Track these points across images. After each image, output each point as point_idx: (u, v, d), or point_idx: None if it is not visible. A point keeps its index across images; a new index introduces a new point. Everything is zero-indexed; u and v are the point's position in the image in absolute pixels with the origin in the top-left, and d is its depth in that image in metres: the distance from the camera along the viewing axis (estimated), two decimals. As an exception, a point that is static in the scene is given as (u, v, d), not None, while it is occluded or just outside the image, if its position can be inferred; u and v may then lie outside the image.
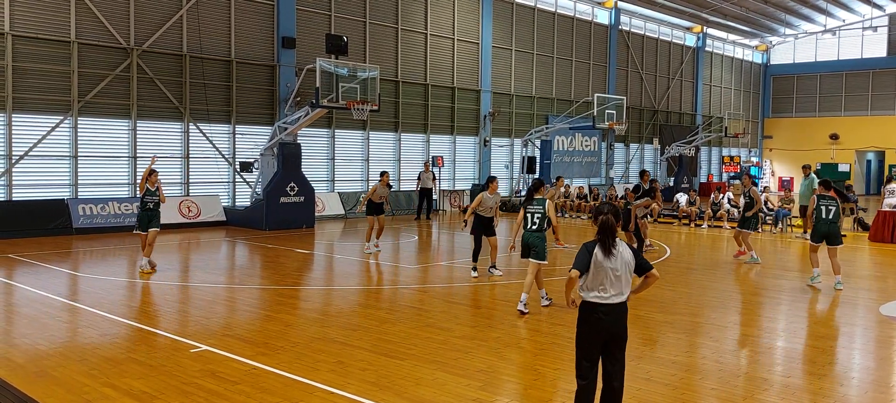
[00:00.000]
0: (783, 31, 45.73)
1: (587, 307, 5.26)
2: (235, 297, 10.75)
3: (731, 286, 12.30)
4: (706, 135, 38.93)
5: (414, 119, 26.87)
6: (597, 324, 5.21)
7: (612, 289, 5.20)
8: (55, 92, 18.32)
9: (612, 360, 5.28)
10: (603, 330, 5.21)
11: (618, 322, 5.24)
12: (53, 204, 17.99)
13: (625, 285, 5.26)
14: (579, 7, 33.80)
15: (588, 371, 5.26)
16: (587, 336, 5.26)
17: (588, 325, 5.25)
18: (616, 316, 5.22)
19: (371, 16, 24.94)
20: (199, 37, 20.67)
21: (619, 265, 5.21)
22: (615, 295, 5.21)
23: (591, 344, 5.25)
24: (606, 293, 5.20)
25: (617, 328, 5.24)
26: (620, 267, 5.22)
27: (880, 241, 18.80)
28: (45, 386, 6.53)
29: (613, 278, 5.20)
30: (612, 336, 5.24)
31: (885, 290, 12.03)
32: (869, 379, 7.17)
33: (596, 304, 5.21)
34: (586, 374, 5.26)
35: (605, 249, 5.21)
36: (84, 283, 11.81)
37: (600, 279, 5.20)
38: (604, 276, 5.19)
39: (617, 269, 5.20)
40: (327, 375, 6.91)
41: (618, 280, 5.22)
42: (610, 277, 5.19)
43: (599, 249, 5.22)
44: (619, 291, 5.22)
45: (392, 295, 11.29)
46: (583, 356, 5.27)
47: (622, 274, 5.22)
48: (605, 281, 5.20)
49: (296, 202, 20.36)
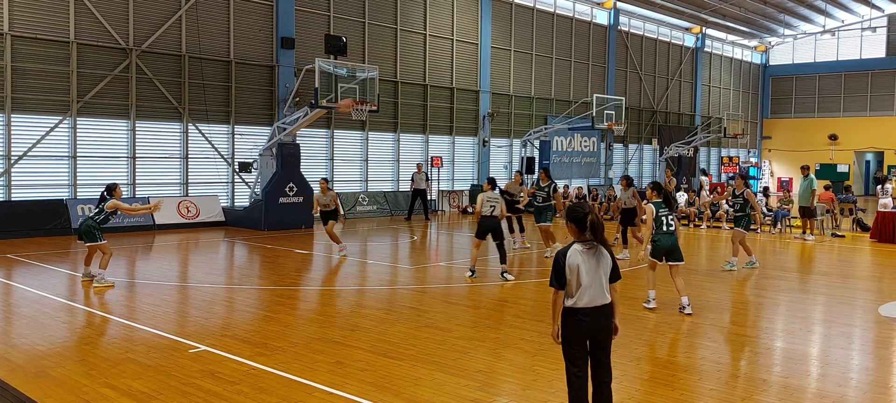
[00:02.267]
0: (782, 31, 45.75)
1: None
2: (234, 297, 10.75)
3: (730, 286, 12.30)
4: (705, 135, 38.95)
5: (413, 119, 26.87)
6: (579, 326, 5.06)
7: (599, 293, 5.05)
8: (54, 92, 18.32)
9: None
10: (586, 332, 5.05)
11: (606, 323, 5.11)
12: (52, 205, 17.98)
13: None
14: (578, 7, 33.81)
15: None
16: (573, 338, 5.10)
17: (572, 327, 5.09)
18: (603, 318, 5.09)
19: (370, 16, 24.95)
20: (198, 37, 20.67)
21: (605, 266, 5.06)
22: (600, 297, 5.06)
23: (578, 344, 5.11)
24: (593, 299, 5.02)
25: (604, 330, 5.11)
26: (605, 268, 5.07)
27: (881, 241, 18.82)
28: (43, 386, 6.53)
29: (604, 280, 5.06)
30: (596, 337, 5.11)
31: (883, 291, 12.03)
32: (868, 380, 7.18)
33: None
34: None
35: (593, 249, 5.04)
36: (83, 284, 11.80)
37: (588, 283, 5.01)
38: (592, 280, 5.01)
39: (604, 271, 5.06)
40: (326, 375, 6.91)
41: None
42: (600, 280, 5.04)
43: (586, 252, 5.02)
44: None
45: (391, 295, 11.28)
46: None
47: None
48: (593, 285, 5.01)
49: (295, 202, 20.36)
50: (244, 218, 20.42)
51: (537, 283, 12.19)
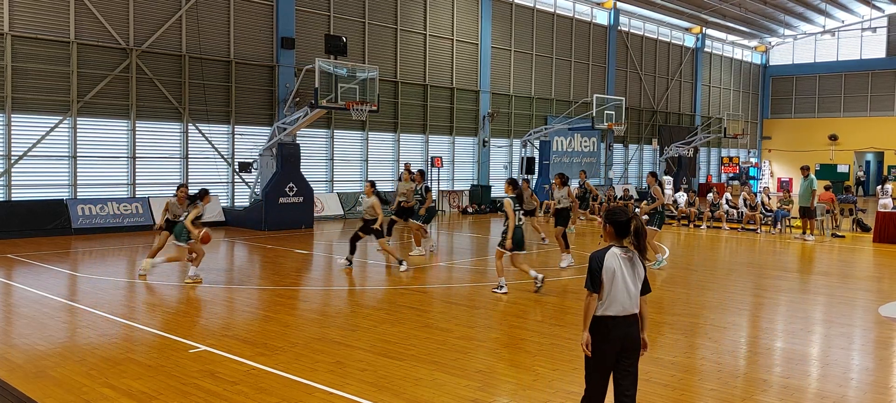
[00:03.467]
0: (782, 31, 45.75)
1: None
2: (234, 298, 10.74)
3: (730, 286, 12.30)
4: (705, 135, 38.94)
5: (413, 119, 26.87)
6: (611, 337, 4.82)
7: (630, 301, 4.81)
8: (54, 92, 18.32)
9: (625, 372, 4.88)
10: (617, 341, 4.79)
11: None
12: (52, 205, 17.98)
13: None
14: (578, 7, 33.81)
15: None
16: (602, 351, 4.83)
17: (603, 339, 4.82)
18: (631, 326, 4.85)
19: (370, 16, 24.95)
20: (199, 37, 20.67)
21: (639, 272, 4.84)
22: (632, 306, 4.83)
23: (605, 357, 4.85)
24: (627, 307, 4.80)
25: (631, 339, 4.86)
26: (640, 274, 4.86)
27: (882, 242, 18.81)
28: (43, 386, 6.53)
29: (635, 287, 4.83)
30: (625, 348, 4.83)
31: (883, 291, 12.03)
32: (868, 380, 7.18)
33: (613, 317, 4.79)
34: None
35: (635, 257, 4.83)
36: (83, 283, 11.81)
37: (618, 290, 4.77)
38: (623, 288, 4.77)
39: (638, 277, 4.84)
40: (326, 375, 6.91)
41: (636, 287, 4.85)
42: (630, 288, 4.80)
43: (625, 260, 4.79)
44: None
45: (391, 295, 11.28)
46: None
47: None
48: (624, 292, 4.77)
49: (295, 202, 20.36)
50: (244, 218, 20.42)
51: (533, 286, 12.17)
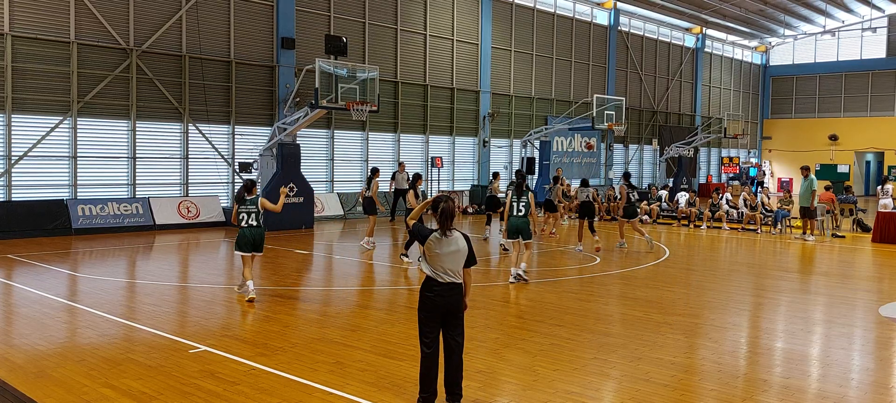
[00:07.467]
0: (782, 32, 45.75)
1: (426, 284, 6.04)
2: (234, 298, 10.74)
3: (731, 287, 12.30)
4: (705, 135, 38.94)
5: (413, 120, 26.87)
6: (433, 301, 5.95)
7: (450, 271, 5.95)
8: (55, 92, 18.32)
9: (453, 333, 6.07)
10: (440, 307, 5.93)
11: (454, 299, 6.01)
12: (53, 205, 17.98)
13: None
14: (578, 8, 33.81)
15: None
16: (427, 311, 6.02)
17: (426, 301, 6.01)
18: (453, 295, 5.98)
19: (370, 16, 24.95)
20: (199, 37, 20.67)
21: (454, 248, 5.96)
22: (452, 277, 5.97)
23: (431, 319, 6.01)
24: (445, 274, 5.93)
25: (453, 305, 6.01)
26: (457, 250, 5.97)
27: (882, 242, 18.80)
28: (44, 387, 6.53)
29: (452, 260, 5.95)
30: (448, 312, 5.99)
31: (883, 291, 12.03)
32: (868, 380, 7.18)
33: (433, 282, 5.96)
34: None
35: (443, 233, 5.95)
36: (83, 284, 11.81)
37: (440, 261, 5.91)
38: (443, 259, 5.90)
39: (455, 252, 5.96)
40: (326, 375, 6.91)
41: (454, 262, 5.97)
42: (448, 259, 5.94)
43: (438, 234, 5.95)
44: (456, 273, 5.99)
45: (391, 295, 11.28)
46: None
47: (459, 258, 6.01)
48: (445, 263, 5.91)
49: (295, 203, 20.35)
50: (244, 219, 20.37)
51: (536, 284, 12.17)
